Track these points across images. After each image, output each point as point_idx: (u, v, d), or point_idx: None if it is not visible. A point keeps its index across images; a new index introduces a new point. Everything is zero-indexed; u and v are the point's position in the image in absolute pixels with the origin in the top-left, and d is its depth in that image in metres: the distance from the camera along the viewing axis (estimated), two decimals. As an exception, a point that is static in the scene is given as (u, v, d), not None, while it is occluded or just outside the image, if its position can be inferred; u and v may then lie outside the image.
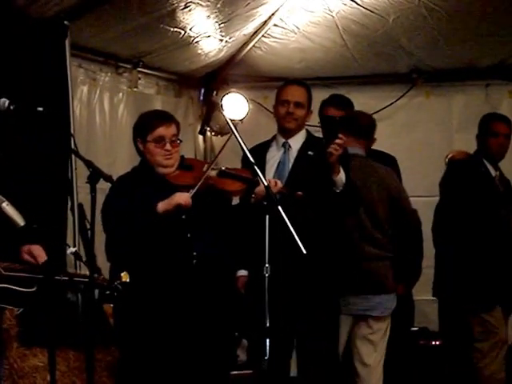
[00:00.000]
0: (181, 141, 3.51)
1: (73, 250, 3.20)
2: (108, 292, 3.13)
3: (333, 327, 3.88)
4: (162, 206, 3.34)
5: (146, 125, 3.48)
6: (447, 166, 4.64)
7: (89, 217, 2.93)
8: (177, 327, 3.34)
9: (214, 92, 5.93)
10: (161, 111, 3.77)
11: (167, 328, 3.34)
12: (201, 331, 3.37)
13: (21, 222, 2.97)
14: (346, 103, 4.60)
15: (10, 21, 4.04)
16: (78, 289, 3.32)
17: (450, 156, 5.08)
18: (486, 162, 4.48)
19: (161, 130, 3.44)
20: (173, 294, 3.35)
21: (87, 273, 3.11)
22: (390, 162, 4.43)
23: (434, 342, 5.06)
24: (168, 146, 3.44)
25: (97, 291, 3.20)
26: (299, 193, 3.50)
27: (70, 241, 4.18)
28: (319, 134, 4.12)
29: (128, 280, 3.14)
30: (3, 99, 2.94)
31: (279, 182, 3.52)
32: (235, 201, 3.69)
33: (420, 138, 5.73)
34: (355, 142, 4.15)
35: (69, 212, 4.31)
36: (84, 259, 3.13)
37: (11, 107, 2.93)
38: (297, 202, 3.48)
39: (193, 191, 3.36)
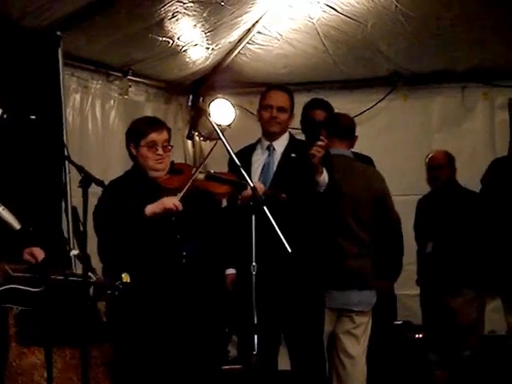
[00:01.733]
0: (172, 146, 3.59)
1: (75, 252, 3.22)
2: (109, 292, 3.18)
3: (319, 322, 3.94)
4: (150, 208, 3.42)
5: (139, 130, 3.55)
6: (489, 164, 4.54)
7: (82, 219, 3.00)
8: (168, 325, 3.40)
9: (201, 98, 6.01)
10: (153, 118, 3.83)
11: (159, 326, 3.40)
12: (192, 329, 3.45)
13: (17, 225, 3.02)
14: (329, 106, 4.66)
15: (4, 32, 4.12)
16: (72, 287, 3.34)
17: (430, 155, 5.19)
18: None
19: (153, 136, 3.52)
20: (164, 292, 3.42)
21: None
22: (366, 162, 4.45)
23: (417, 335, 5.16)
24: (160, 151, 3.52)
25: (91, 289, 3.24)
26: (283, 195, 3.59)
27: (64, 242, 4.27)
28: (301, 137, 4.21)
29: (128, 280, 3.21)
30: (-4, 108, 2.99)
31: (262, 185, 3.64)
32: (223, 203, 3.78)
33: (400, 139, 5.78)
34: (340, 143, 4.21)
35: (63, 215, 4.37)
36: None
37: (4, 116, 2.98)
38: (280, 204, 3.56)
39: (180, 194, 3.44)
